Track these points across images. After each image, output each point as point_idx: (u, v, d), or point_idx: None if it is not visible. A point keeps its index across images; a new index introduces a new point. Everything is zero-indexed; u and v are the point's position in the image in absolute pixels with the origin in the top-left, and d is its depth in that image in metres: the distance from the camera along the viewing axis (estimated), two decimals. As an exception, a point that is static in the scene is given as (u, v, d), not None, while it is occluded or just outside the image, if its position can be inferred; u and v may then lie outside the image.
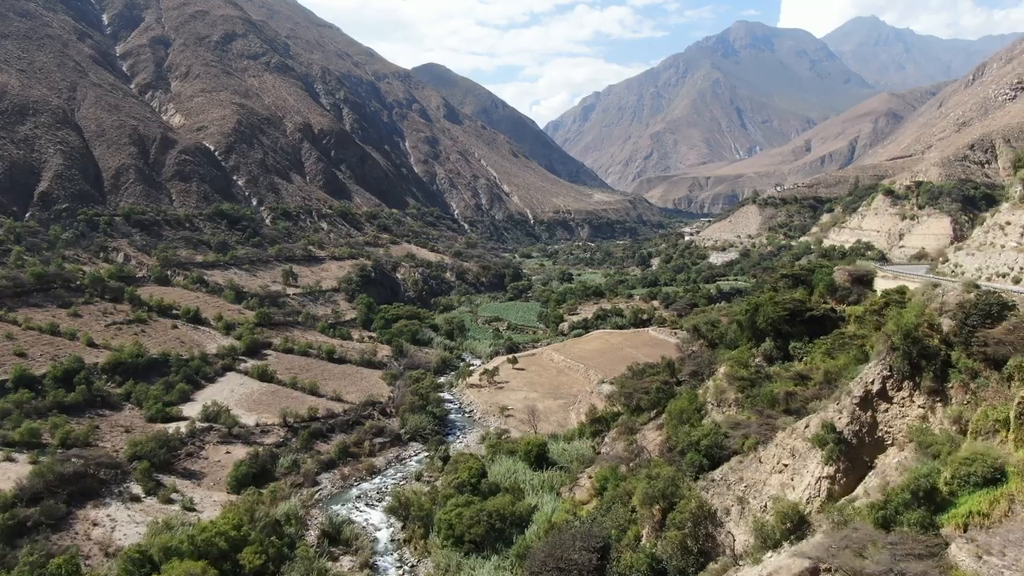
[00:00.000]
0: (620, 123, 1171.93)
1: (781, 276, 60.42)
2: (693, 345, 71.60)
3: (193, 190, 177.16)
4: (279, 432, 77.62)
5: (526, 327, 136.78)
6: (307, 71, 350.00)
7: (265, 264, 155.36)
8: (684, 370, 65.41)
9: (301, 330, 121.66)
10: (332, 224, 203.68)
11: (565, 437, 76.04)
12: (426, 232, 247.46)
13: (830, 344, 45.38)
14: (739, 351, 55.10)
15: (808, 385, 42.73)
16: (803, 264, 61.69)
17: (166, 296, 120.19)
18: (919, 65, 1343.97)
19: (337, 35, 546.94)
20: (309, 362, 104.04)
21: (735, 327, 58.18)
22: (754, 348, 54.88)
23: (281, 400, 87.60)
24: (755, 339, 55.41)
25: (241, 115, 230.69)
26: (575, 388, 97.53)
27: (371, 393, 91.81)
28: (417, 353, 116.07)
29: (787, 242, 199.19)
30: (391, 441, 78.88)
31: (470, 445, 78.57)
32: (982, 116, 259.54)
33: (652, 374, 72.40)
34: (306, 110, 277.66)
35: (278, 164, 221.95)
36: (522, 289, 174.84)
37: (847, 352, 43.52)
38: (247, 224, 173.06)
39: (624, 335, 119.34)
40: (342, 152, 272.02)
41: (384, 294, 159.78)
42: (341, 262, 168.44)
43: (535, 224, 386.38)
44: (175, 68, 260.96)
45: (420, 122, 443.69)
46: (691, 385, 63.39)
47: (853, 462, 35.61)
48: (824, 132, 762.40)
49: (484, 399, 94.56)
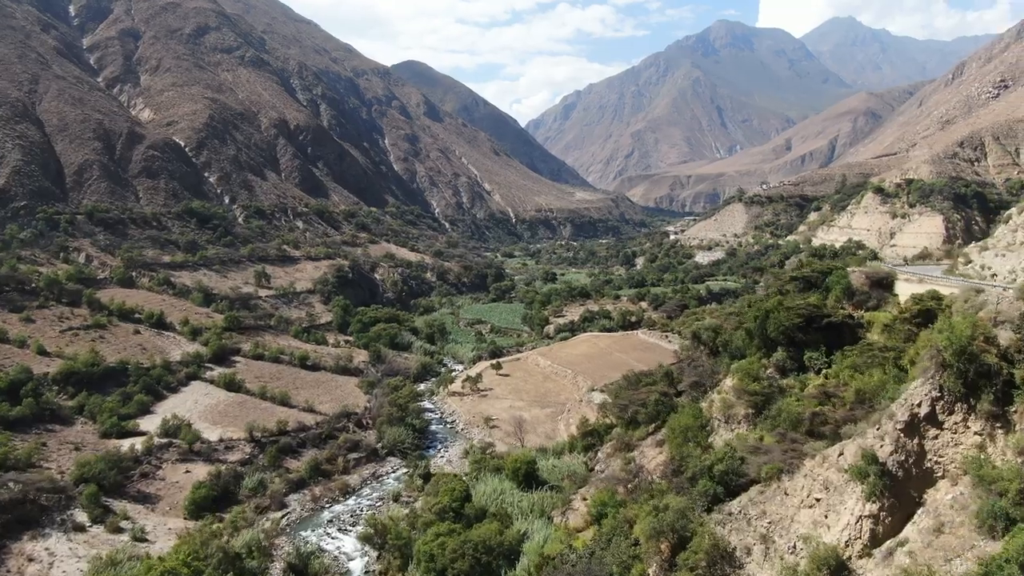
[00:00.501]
0: (601, 122, 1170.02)
1: (790, 278, 55.74)
2: (693, 352, 66.66)
3: (161, 187, 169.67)
4: (245, 448, 71.64)
5: (510, 330, 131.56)
6: (283, 66, 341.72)
7: (237, 265, 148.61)
8: (684, 380, 60.54)
9: (273, 334, 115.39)
10: (308, 223, 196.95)
11: (554, 451, 71.00)
12: (406, 231, 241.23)
13: (857, 357, 40.54)
14: (748, 361, 50.22)
15: (836, 404, 37.85)
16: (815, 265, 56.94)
17: (129, 299, 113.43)
18: (895, 65, 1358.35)
19: (315, 31, 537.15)
20: (280, 369, 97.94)
21: (742, 334, 53.35)
22: (765, 358, 50.06)
23: (249, 412, 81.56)
24: (765, 348, 50.61)
25: (213, 110, 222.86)
26: (563, 395, 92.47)
27: (346, 403, 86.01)
28: (396, 358, 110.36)
29: (774, 241, 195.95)
30: (367, 456, 73.22)
31: (452, 460, 73.20)
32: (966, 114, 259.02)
33: (648, 383, 67.43)
34: (282, 105, 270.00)
35: (252, 161, 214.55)
36: (505, 290, 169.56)
37: (878, 367, 38.76)
38: (218, 223, 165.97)
39: (612, 338, 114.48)
40: (319, 149, 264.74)
41: (362, 295, 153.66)
42: (317, 262, 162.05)
43: (517, 223, 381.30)
44: (145, 61, 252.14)
45: (400, 119, 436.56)
46: (693, 397, 58.52)
47: (899, 498, 30.75)
48: (804, 131, 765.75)
49: (467, 408, 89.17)
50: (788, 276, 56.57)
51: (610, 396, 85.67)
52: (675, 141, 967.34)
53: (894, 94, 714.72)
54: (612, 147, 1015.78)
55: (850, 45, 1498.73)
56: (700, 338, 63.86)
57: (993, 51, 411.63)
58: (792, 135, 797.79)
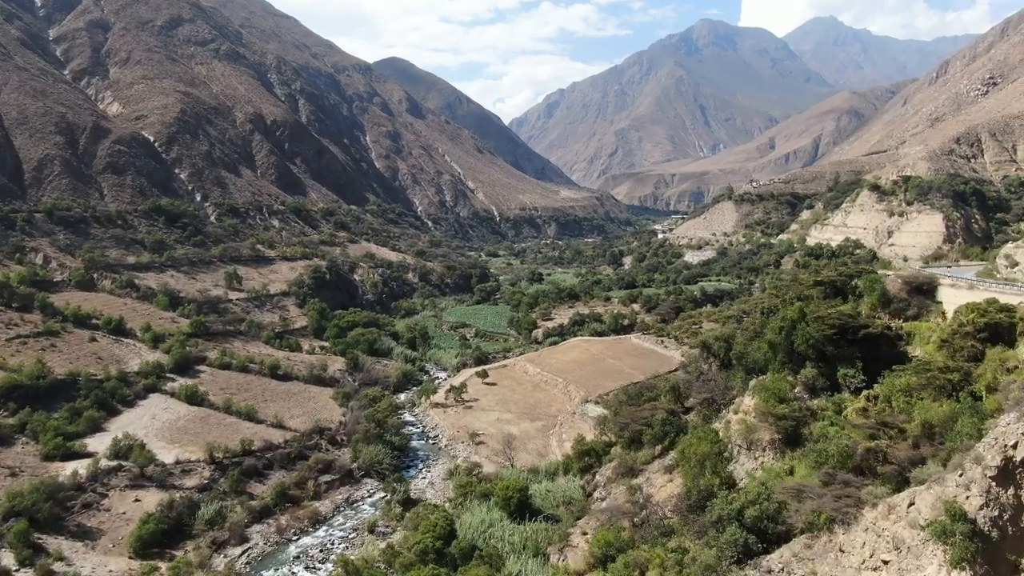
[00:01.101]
0: (584, 120, 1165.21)
1: (814, 283, 49.68)
2: (701, 364, 60.51)
3: (128, 184, 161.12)
4: (204, 471, 64.49)
5: (496, 334, 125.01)
6: (260, 60, 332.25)
7: (207, 265, 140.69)
8: (694, 396, 54.41)
9: (243, 340, 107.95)
10: (284, 221, 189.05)
11: (547, 472, 64.69)
12: (387, 230, 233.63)
13: (911, 377, 34.45)
14: (772, 379, 44.12)
15: (893, 437, 31.71)
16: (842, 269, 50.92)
17: (87, 303, 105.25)
18: (876, 65, 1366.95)
19: (295, 26, 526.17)
20: (249, 379, 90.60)
21: (762, 347, 47.22)
22: (792, 375, 43.97)
23: (211, 428, 74.38)
24: (791, 363, 44.52)
25: (186, 104, 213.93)
26: (554, 406, 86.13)
27: (319, 417, 79.02)
28: (375, 366, 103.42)
29: (766, 240, 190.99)
30: (341, 479, 66.38)
31: (435, 482, 66.58)
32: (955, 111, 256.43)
33: (650, 398, 61.31)
34: (258, 100, 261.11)
35: (226, 157, 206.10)
36: (490, 291, 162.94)
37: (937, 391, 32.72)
38: (188, 221, 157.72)
39: (605, 343, 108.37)
40: (297, 145, 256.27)
41: (340, 298, 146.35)
42: (293, 263, 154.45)
43: (501, 221, 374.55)
44: (114, 54, 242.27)
45: (382, 116, 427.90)
46: (704, 416, 52.39)
47: (994, 563, 24.70)
48: (788, 130, 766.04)
49: (451, 422, 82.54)
50: (811, 280, 50.39)
51: (605, 408, 79.64)
52: (659, 140, 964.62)
53: (876, 93, 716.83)
54: (596, 145, 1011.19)
55: (831, 45, 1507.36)
56: (710, 349, 57.73)
57: (977, 50, 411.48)
58: (776, 134, 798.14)
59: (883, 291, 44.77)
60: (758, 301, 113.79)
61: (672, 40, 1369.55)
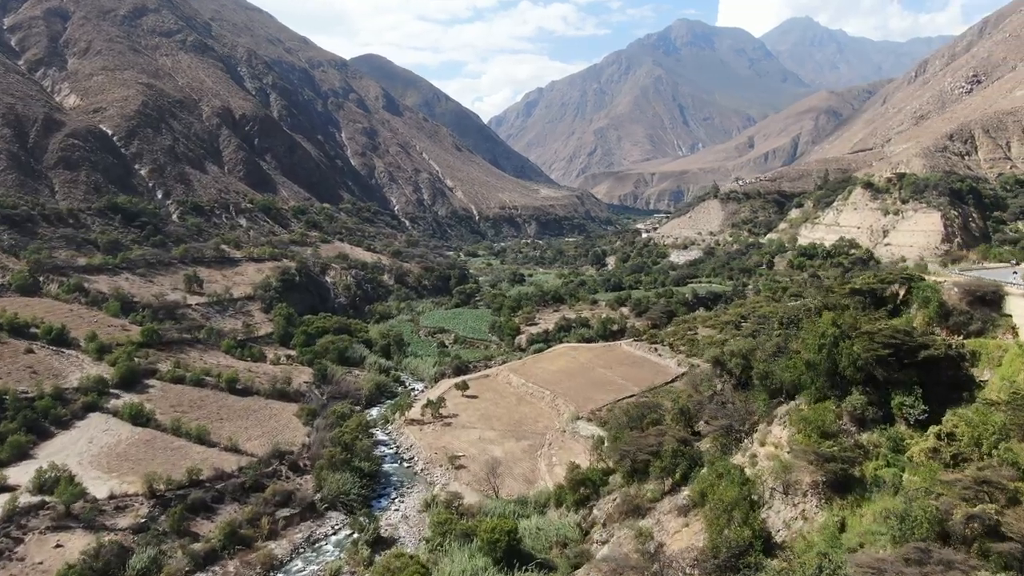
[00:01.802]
0: (563, 119, 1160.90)
1: (850, 291, 42.63)
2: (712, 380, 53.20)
3: (82, 180, 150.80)
4: (141, 507, 56.02)
5: (476, 340, 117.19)
6: (231, 53, 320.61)
7: (167, 267, 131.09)
8: (709, 422, 47.17)
9: (201, 350, 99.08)
10: (252, 220, 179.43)
11: (537, 503, 57.13)
12: (362, 229, 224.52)
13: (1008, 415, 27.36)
14: (812, 407, 36.96)
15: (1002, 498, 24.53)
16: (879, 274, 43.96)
17: (27, 309, 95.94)
18: (852, 65, 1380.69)
19: (268, 21, 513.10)
20: (204, 395, 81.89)
21: (792, 365, 40.03)
22: (836, 402, 36.82)
23: (156, 453, 65.84)
24: (833, 387, 37.39)
25: (148, 96, 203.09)
26: (541, 423, 78.60)
27: (280, 439, 70.63)
28: (346, 377, 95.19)
29: (754, 240, 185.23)
30: (301, 513, 58.22)
31: (409, 516, 58.71)
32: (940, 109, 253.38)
33: (654, 420, 53.97)
34: (226, 93, 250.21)
35: (191, 152, 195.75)
36: (470, 293, 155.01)
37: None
38: (148, 220, 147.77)
39: (594, 351, 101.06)
40: (267, 140, 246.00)
41: (310, 301, 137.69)
42: (260, 264, 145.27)
43: (480, 220, 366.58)
44: (73, 44, 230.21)
45: (358, 112, 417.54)
46: (722, 445, 45.05)
47: None
48: (766, 129, 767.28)
49: (428, 441, 74.64)
50: (847, 288, 43.33)
51: (598, 426, 72.37)
52: (638, 139, 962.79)
53: (854, 93, 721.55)
54: (575, 144, 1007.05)
55: (808, 45, 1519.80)
56: (724, 365, 50.48)
57: (955, 49, 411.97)
58: (754, 133, 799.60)
59: (940, 303, 37.84)
60: (755, 305, 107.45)
61: (650, 39, 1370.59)
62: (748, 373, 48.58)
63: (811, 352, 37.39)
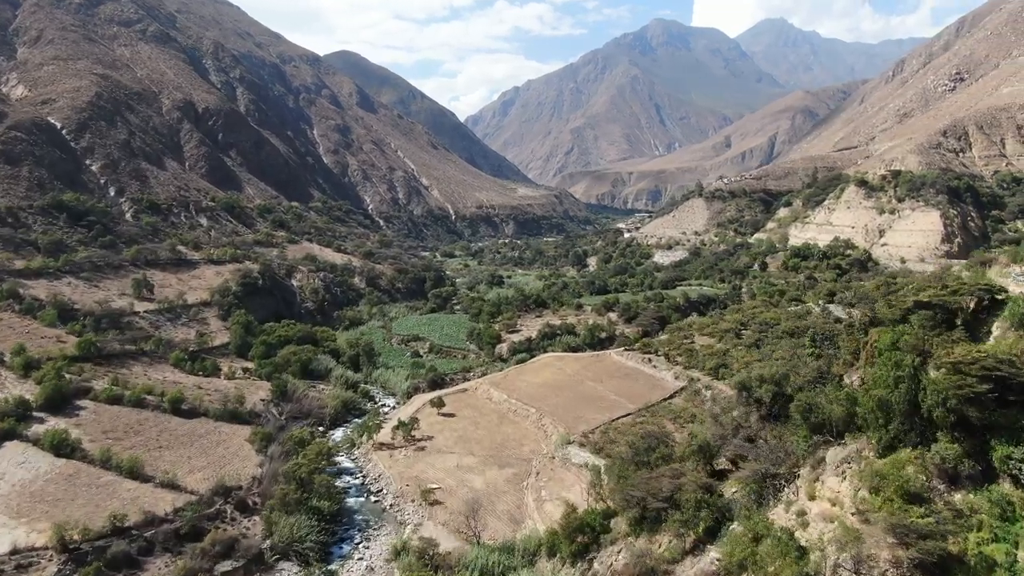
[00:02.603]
0: (540, 118, 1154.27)
1: (916, 304, 34.71)
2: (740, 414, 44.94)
3: (23, 176, 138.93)
4: (50, 564, 46.53)
5: (454, 349, 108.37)
6: (196, 45, 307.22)
7: (116, 271, 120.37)
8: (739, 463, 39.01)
9: (146, 363, 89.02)
10: (214, 219, 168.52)
11: (526, 551, 48.65)
12: (332, 229, 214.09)
13: None
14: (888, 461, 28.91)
15: None
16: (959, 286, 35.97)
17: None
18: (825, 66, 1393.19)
19: (239, 15, 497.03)
20: (143, 418, 72.00)
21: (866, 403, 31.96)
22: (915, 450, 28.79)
23: (79, 491, 56.26)
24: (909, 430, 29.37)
25: (102, 87, 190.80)
26: (526, 446, 70.19)
27: (226, 471, 61.32)
28: (308, 393, 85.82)
29: (742, 240, 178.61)
30: (246, 566, 49.08)
31: (376, 568, 49.90)
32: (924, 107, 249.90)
33: (664, 455, 45.71)
34: (188, 86, 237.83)
35: (148, 147, 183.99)
36: (446, 297, 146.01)
37: None
38: (97, 219, 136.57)
39: (581, 361, 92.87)
40: (232, 135, 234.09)
41: (274, 307, 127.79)
42: (220, 267, 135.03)
43: (457, 220, 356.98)
44: (23, 32, 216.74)
45: (330, 109, 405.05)
46: (755, 494, 36.84)
47: None
48: (743, 128, 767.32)
49: (399, 470, 65.78)
50: (911, 301, 35.36)
51: (592, 451, 64.12)
52: (614, 138, 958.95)
53: (829, 93, 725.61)
54: (552, 144, 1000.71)
55: (782, 46, 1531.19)
56: (752, 393, 42.34)
57: (933, 49, 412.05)
58: (731, 132, 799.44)
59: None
60: (753, 310, 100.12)
61: (626, 39, 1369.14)
62: (780, 402, 40.52)
63: (882, 386, 29.31)
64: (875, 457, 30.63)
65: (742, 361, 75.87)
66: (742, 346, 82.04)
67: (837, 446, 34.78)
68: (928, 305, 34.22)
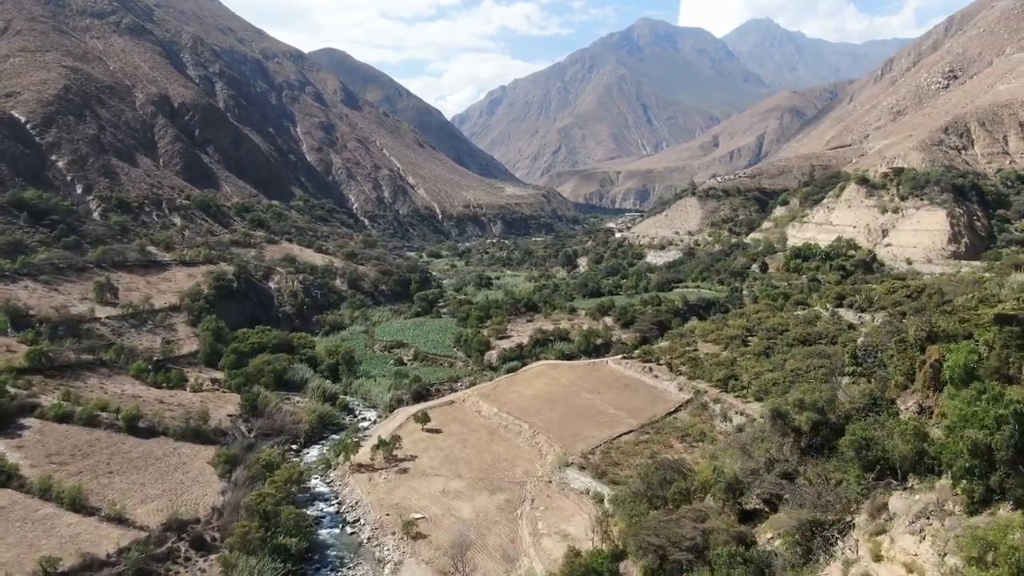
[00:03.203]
0: (527, 117, 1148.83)
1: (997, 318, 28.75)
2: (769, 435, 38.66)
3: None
4: (-36, 623, 39.64)
5: (440, 357, 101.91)
6: (173, 38, 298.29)
7: (79, 273, 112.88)
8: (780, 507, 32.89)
9: (104, 375, 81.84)
10: (188, 219, 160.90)
11: (522, 598, 42.48)
12: (314, 228, 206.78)
13: None
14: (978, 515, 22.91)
15: None
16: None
17: None
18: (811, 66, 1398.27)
19: (220, 10, 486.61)
20: (95, 438, 64.94)
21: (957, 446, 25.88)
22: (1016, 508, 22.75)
23: (11, 528, 49.31)
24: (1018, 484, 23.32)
25: (71, 80, 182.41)
26: (519, 467, 63.90)
27: (183, 500, 54.56)
28: (282, 406, 79.10)
29: (737, 240, 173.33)
30: (198, 619, 42.48)
31: (348, 619, 43.42)
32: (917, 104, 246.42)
33: (682, 490, 39.54)
34: (164, 80, 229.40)
35: (119, 143, 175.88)
36: (432, 300, 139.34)
37: None
38: (60, 218, 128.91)
39: (577, 370, 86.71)
40: (210, 131, 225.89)
41: (250, 311, 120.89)
42: (193, 268, 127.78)
43: (444, 219, 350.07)
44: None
45: (314, 106, 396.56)
46: (799, 546, 30.69)
47: None
48: (731, 128, 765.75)
49: (379, 496, 59.30)
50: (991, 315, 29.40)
51: (593, 475, 57.93)
52: (602, 138, 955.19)
53: (816, 92, 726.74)
54: (539, 143, 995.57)
55: (768, 46, 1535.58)
56: (788, 422, 36.23)
57: (922, 48, 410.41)
58: (719, 132, 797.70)
59: None
60: (758, 315, 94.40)
61: (613, 39, 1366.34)
62: (823, 433, 34.47)
63: (981, 432, 23.24)
64: (964, 513, 24.56)
65: (752, 372, 70.07)
66: (750, 355, 76.21)
67: (902, 491, 28.71)
68: (1011, 319, 28.32)
